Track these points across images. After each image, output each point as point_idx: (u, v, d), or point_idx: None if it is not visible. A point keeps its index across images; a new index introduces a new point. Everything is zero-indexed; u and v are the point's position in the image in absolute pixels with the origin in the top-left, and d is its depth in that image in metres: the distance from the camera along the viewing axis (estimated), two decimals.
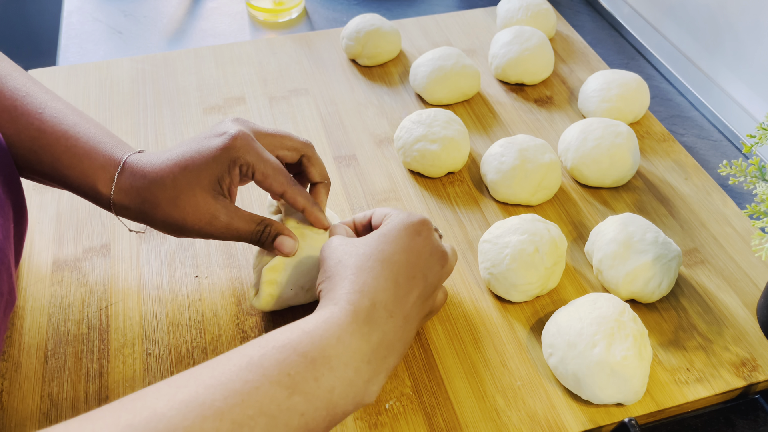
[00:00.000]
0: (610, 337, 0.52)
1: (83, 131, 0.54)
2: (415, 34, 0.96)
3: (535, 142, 0.70)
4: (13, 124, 0.53)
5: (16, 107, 0.53)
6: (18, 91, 0.54)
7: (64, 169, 0.53)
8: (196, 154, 0.53)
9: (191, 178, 0.52)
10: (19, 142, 0.53)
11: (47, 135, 0.53)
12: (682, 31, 0.91)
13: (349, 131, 0.79)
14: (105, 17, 1.03)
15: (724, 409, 0.55)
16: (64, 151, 0.53)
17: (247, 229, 0.55)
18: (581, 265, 0.65)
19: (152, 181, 0.53)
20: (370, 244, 0.49)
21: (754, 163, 0.54)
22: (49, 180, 0.56)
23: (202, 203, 0.52)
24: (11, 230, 0.57)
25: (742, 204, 0.72)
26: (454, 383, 0.55)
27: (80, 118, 0.55)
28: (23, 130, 0.53)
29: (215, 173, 0.52)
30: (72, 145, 0.53)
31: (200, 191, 0.52)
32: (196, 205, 0.52)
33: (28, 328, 0.59)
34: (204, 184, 0.52)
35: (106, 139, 0.55)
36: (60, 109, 0.55)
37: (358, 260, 0.48)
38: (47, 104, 0.55)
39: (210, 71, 0.88)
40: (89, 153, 0.53)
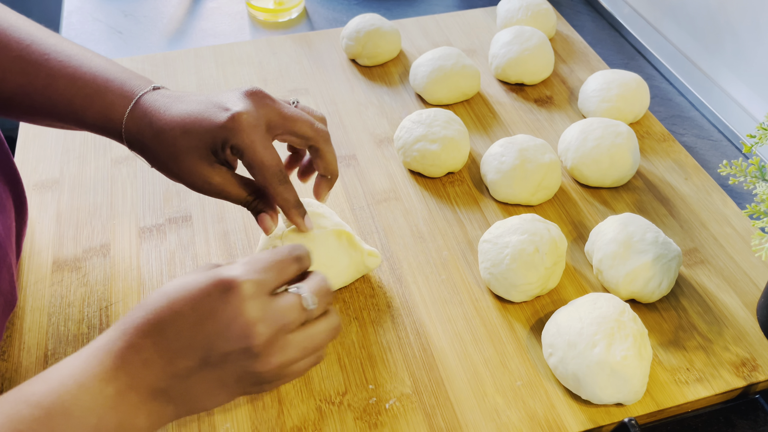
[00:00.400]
0: (610, 337, 0.52)
1: (92, 70, 0.55)
2: (415, 34, 0.95)
3: (535, 142, 0.70)
4: (24, 73, 0.54)
5: (23, 57, 0.54)
6: (23, 41, 0.54)
7: (80, 110, 0.54)
8: (198, 120, 0.52)
9: (190, 143, 0.52)
10: (33, 91, 0.54)
11: (57, 79, 0.54)
12: (682, 31, 0.91)
13: (349, 131, 0.79)
14: (105, 17, 1.03)
15: (724, 409, 0.55)
16: (77, 92, 0.54)
17: (238, 196, 0.55)
18: (581, 265, 0.65)
19: (155, 134, 0.53)
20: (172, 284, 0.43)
21: (754, 163, 0.54)
22: (66, 123, 0.56)
23: (198, 167, 0.53)
24: (13, 228, 0.57)
25: (742, 204, 0.72)
26: (453, 383, 0.55)
27: (87, 57, 0.56)
28: (34, 78, 0.54)
29: (210, 145, 0.52)
30: (83, 86, 0.54)
31: (197, 157, 0.52)
32: (192, 167, 0.53)
33: (28, 328, 0.59)
34: (201, 152, 0.52)
35: (117, 75, 0.55)
36: (66, 51, 0.55)
37: (151, 295, 0.43)
38: (53, 49, 0.55)
39: (210, 71, 0.88)
40: (100, 92, 0.54)
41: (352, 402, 0.53)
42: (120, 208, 0.69)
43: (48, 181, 0.72)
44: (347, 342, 0.58)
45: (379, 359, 0.56)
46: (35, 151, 0.76)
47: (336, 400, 0.53)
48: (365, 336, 0.58)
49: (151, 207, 0.70)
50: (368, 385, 0.55)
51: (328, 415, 0.53)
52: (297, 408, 0.53)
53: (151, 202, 0.70)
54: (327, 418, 0.52)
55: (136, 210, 0.69)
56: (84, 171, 0.74)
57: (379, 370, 0.56)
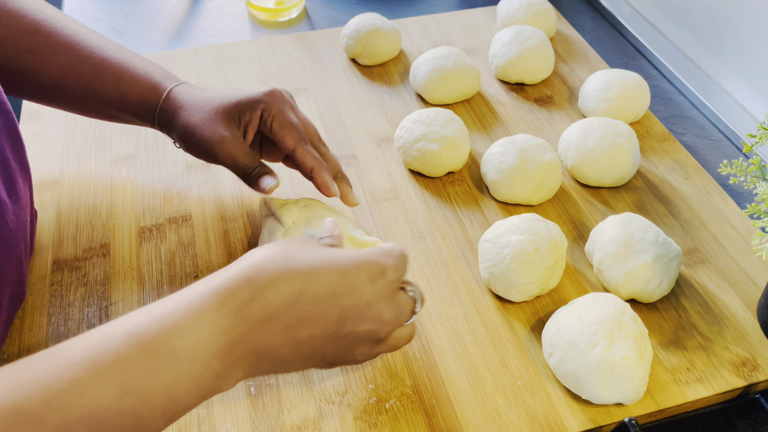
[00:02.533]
0: (611, 336, 0.52)
1: (139, 61, 0.65)
2: (415, 34, 0.95)
3: (535, 142, 0.70)
4: (78, 56, 0.62)
5: (78, 43, 0.63)
6: (77, 31, 0.64)
7: (126, 88, 0.63)
8: (231, 95, 0.61)
9: (220, 102, 0.60)
10: (83, 71, 0.62)
11: (109, 62, 0.63)
12: (683, 30, 0.91)
13: (349, 131, 0.79)
14: (105, 17, 1.03)
15: (724, 408, 0.55)
16: (125, 73, 0.63)
17: (243, 161, 0.60)
18: (581, 264, 0.64)
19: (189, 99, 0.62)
20: (312, 253, 0.44)
21: (754, 162, 0.54)
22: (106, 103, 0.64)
23: (217, 120, 0.60)
24: (27, 222, 0.57)
25: (742, 204, 0.72)
26: (454, 383, 0.55)
27: (133, 53, 0.66)
28: (87, 59, 0.62)
29: (240, 108, 0.60)
30: (132, 69, 0.63)
31: (222, 112, 0.60)
32: (212, 119, 0.60)
33: (28, 328, 0.59)
34: (228, 110, 0.60)
35: (158, 69, 0.65)
36: (116, 45, 0.65)
37: (280, 254, 0.43)
38: (105, 42, 0.65)
39: (210, 71, 0.88)
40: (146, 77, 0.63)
41: (352, 402, 0.53)
42: (120, 208, 0.69)
43: (48, 181, 0.72)
44: None
45: (379, 359, 0.56)
46: (35, 151, 0.76)
47: (336, 400, 0.53)
48: None
49: (151, 207, 0.69)
50: (368, 384, 0.55)
51: (328, 414, 0.53)
52: (297, 408, 0.53)
53: (151, 202, 0.70)
54: (327, 417, 0.52)
55: (136, 210, 0.69)
56: (84, 171, 0.74)
57: (379, 370, 0.56)
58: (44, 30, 0.62)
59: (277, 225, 0.61)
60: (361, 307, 0.43)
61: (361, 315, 0.43)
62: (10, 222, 0.53)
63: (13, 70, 0.62)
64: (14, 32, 0.61)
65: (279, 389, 0.54)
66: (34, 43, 0.61)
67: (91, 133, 0.78)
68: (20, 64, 0.62)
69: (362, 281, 0.43)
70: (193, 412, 0.52)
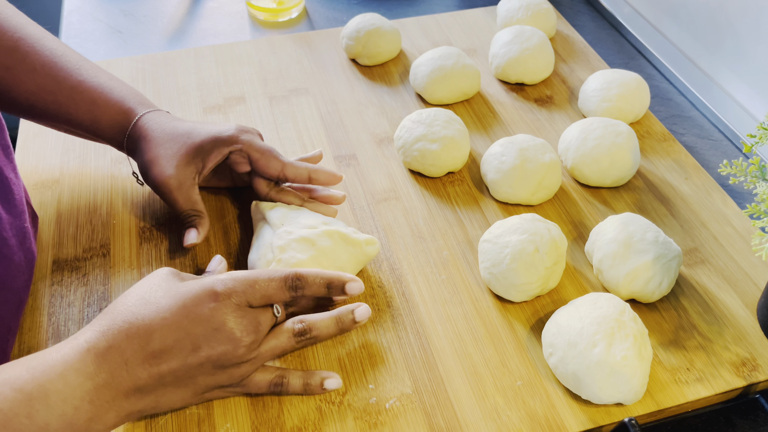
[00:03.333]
0: (611, 336, 0.52)
1: (114, 85, 0.65)
2: (415, 34, 0.95)
3: (535, 142, 0.70)
4: (54, 77, 0.63)
5: (56, 63, 0.63)
6: (56, 51, 0.64)
7: (99, 112, 0.64)
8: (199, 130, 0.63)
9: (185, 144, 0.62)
10: (58, 92, 0.63)
11: (84, 86, 0.64)
12: (683, 30, 0.91)
13: (349, 131, 0.79)
14: (105, 17, 1.03)
15: (724, 408, 0.55)
16: (99, 97, 0.64)
17: (181, 207, 0.62)
18: (581, 264, 0.65)
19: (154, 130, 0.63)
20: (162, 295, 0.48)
21: (754, 162, 0.54)
22: (78, 126, 0.65)
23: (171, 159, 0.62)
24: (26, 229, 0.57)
25: (742, 204, 0.72)
26: (454, 383, 0.55)
27: (109, 75, 0.67)
28: (63, 81, 0.63)
29: (208, 148, 0.62)
30: (107, 94, 0.64)
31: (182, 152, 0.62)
32: (167, 157, 0.62)
33: (28, 328, 0.59)
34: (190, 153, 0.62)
35: (133, 94, 0.66)
36: (93, 67, 0.66)
37: (128, 301, 0.48)
38: (82, 63, 0.65)
39: (210, 71, 0.88)
40: (119, 102, 0.64)
41: (352, 402, 0.53)
42: (120, 208, 0.69)
43: (48, 181, 0.72)
44: (348, 342, 0.58)
45: (379, 359, 0.56)
46: (35, 151, 0.76)
47: (336, 400, 0.53)
48: (365, 336, 0.58)
49: (151, 207, 0.69)
50: (368, 384, 0.55)
51: (328, 414, 0.53)
52: (297, 408, 0.53)
53: (151, 202, 0.70)
54: (327, 417, 0.52)
55: (136, 210, 0.69)
56: (84, 171, 0.74)
57: (379, 370, 0.56)
58: (23, 48, 0.62)
59: (268, 228, 0.61)
60: (209, 332, 0.47)
61: (212, 338, 0.47)
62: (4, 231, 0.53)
63: None
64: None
65: None
66: (12, 61, 0.62)
67: None
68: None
69: (204, 310, 0.47)
70: (194, 412, 0.52)
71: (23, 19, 0.65)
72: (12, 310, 0.54)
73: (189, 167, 0.62)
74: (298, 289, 0.51)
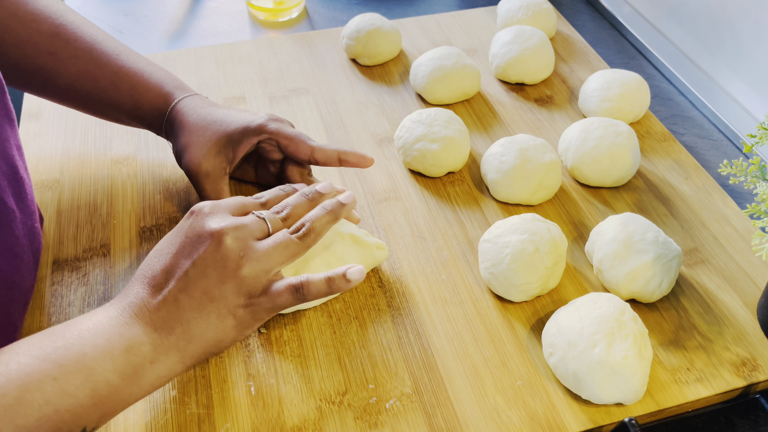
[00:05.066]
0: (611, 336, 0.52)
1: (153, 70, 0.67)
2: (415, 34, 0.95)
3: (535, 142, 0.70)
4: (96, 62, 0.65)
5: (96, 49, 0.65)
6: (96, 36, 0.66)
7: (139, 96, 0.66)
8: (232, 118, 0.64)
9: (216, 129, 0.63)
10: (100, 76, 0.65)
11: (125, 70, 0.66)
12: (683, 30, 0.91)
13: (349, 131, 0.79)
14: (105, 17, 1.03)
15: (725, 408, 0.55)
16: (139, 82, 0.66)
17: (208, 196, 0.64)
18: (581, 264, 0.65)
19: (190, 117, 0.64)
20: None
21: (754, 162, 0.54)
22: (119, 110, 0.67)
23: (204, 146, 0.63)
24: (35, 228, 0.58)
25: (742, 204, 0.72)
26: (454, 383, 0.55)
27: (148, 61, 0.68)
28: (105, 66, 0.65)
29: (237, 137, 0.63)
30: (146, 78, 0.66)
31: (215, 140, 0.63)
32: (202, 146, 0.63)
33: (28, 328, 0.59)
34: (222, 141, 0.63)
35: (171, 78, 0.68)
36: (132, 52, 0.68)
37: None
38: (121, 48, 0.67)
39: (210, 71, 0.88)
40: (159, 86, 0.66)
41: (352, 402, 0.53)
42: (120, 208, 0.69)
43: (48, 181, 0.72)
44: (347, 342, 0.58)
45: (379, 359, 0.56)
46: (35, 151, 0.76)
47: (336, 400, 0.53)
48: (365, 336, 0.58)
49: (151, 207, 0.70)
50: (368, 384, 0.55)
51: (328, 414, 0.53)
52: (297, 408, 0.53)
53: (151, 201, 0.70)
54: (327, 417, 0.52)
55: (136, 210, 0.69)
56: (84, 171, 0.74)
57: (379, 370, 0.56)
58: (64, 34, 0.64)
59: None
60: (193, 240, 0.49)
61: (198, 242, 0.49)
62: (17, 230, 0.54)
63: (32, 71, 0.64)
64: (34, 34, 0.63)
65: (279, 389, 0.54)
66: (54, 47, 0.64)
67: (92, 133, 0.78)
68: (39, 65, 0.64)
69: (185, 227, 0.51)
70: (194, 412, 0.52)
71: (63, 6, 0.66)
72: (19, 308, 0.55)
73: (219, 157, 0.63)
74: (261, 197, 0.55)
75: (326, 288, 0.51)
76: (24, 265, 0.55)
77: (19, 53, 0.63)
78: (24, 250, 0.55)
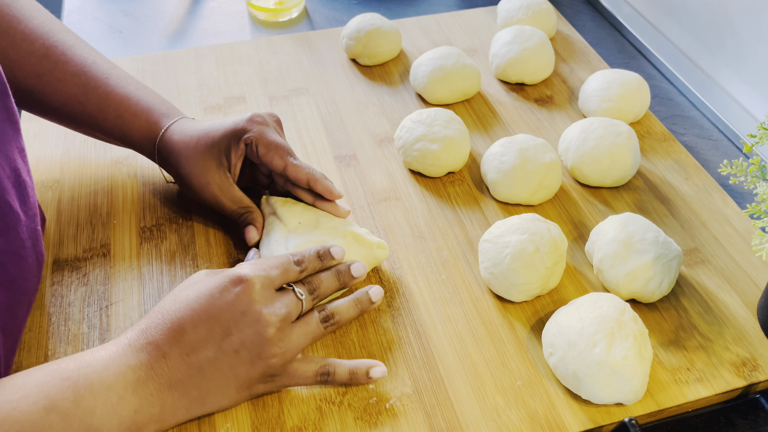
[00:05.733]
0: (611, 336, 0.52)
1: (141, 95, 0.66)
2: (415, 34, 0.95)
3: (535, 142, 0.70)
4: (83, 87, 0.64)
5: (85, 72, 0.64)
6: (86, 59, 0.65)
7: (127, 124, 0.65)
8: (216, 127, 0.63)
9: (206, 143, 0.62)
10: (87, 102, 0.64)
11: (113, 96, 0.64)
12: (683, 30, 0.91)
13: (349, 131, 0.79)
14: (105, 17, 1.03)
15: (725, 408, 0.55)
16: (126, 109, 0.65)
17: (229, 208, 0.63)
18: (581, 264, 0.64)
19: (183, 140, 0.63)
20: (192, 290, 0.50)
21: (754, 162, 0.54)
22: (108, 135, 0.67)
23: (203, 167, 0.62)
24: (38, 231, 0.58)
25: (742, 204, 0.72)
26: (454, 383, 0.55)
27: (137, 84, 0.67)
28: (92, 91, 0.64)
29: (225, 145, 0.62)
30: (134, 105, 0.65)
31: (209, 154, 0.62)
32: (201, 166, 0.62)
33: (28, 328, 0.59)
34: (213, 149, 0.62)
35: (159, 103, 0.66)
36: (122, 76, 0.67)
37: (163, 302, 0.50)
38: (111, 72, 0.66)
39: (210, 71, 0.88)
40: (146, 113, 0.65)
41: (352, 402, 0.53)
42: (120, 208, 0.69)
43: (48, 181, 0.72)
44: (347, 342, 0.58)
45: (380, 359, 0.56)
46: (35, 151, 0.76)
47: (336, 400, 0.53)
48: (365, 336, 0.58)
49: (151, 207, 0.70)
50: (368, 384, 0.55)
51: (329, 414, 0.53)
52: (297, 408, 0.53)
53: (151, 202, 0.70)
54: (327, 417, 0.52)
55: (136, 210, 0.69)
56: (84, 171, 0.74)
57: None
58: (54, 56, 0.63)
59: (279, 224, 0.61)
60: (237, 316, 0.49)
61: (241, 321, 0.49)
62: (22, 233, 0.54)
63: (21, 92, 0.64)
64: (25, 55, 0.62)
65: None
66: (43, 69, 0.63)
67: None
68: (28, 86, 0.63)
69: (230, 296, 0.49)
70: None
71: (57, 25, 0.66)
72: (23, 311, 0.55)
73: (220, 169, 0.62)
74: (299, 264, 0.54)
75: (348, 375, 0.53)
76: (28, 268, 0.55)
77: (8, 74, 0.62)
78: (28, 253, 0.55)
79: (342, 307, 0.55)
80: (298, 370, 0.52)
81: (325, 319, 0.54)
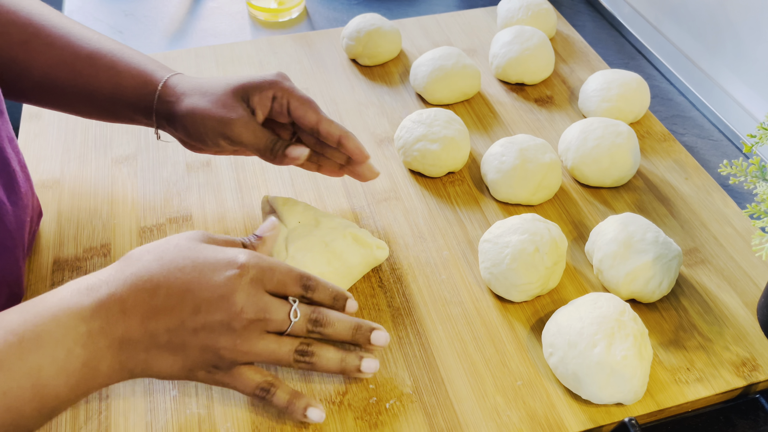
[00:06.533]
0: (611, 336, 0.52)
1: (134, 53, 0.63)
2: (415, 34, 0.95)
3: (535, 142, 0.70)
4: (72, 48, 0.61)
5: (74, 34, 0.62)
6: (72, 27, 0.63)
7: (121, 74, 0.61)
8: (240, 77, 0.60)
9: (226, 85, 0.59)
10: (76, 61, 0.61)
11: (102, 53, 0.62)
12: (683, 30, 0.91)
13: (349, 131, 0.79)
14: (106, 17, 1.03)
15: (724, 408, 0.55)
16: (120, 60, 0.62)
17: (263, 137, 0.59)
18: (581, 264, 0.65)
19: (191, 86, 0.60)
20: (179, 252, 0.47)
21: (754, 162, 0.54)
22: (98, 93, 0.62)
23: (227, 103, 0.58)
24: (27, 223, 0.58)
25: (742, 204, 0.72)
26: (454, 383, 0.55)
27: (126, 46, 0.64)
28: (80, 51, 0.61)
29: (248, 90, 0.58)
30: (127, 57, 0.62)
31: (231, 95, 0.58)
32: (222, 102, 0.58)
33: None
34: (237, 92, 0.58)
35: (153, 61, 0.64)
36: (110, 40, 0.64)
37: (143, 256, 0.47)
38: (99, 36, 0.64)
39: (210, 71, 0.88)
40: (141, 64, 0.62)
41: (352, 402, 0.53)
42: (120, 208, 0.69)
43: (48, 181, 0.72)
44: None
45: (379, 359, 0.56)
46: (35, 151, 0.76)
47: (336, 400, 0.53)
48: None
49: (151, 207, 0.70)
50: (368, 384, 0.55)
51: (329, 414, 0.53)
52: None
53: (151, 202, 0.70)
54: (327, 417, 0.52)
55: (136, 210, 0.69)
56: (84, 171, 0.74)
57: (379, 370, 0.56)
58: (38, 23, 0.61)
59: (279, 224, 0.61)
60: (214, 297, 0.46)
61: (214, 305, 0.46)
62: (9, 224, 0.54)
63: (4, 64, 0.60)
64: (7, 25, 0.60)
65: None
66: (27, 35, 0.60)
67: (92, 133, 0.78)
68: (12, 56, 0.60)
69: (219, 277, 0.46)
70: (194, 412, 0.52)
71: (38, 3, 0.64)
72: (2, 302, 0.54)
73: (245, 108, 0.59)
74: (308, 289, 0.50)
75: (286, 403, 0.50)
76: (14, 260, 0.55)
77: None
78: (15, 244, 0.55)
79: (326, 354, 0.50)
80: (243, 375, 0.48)
81: (302, 353, 0.49)
